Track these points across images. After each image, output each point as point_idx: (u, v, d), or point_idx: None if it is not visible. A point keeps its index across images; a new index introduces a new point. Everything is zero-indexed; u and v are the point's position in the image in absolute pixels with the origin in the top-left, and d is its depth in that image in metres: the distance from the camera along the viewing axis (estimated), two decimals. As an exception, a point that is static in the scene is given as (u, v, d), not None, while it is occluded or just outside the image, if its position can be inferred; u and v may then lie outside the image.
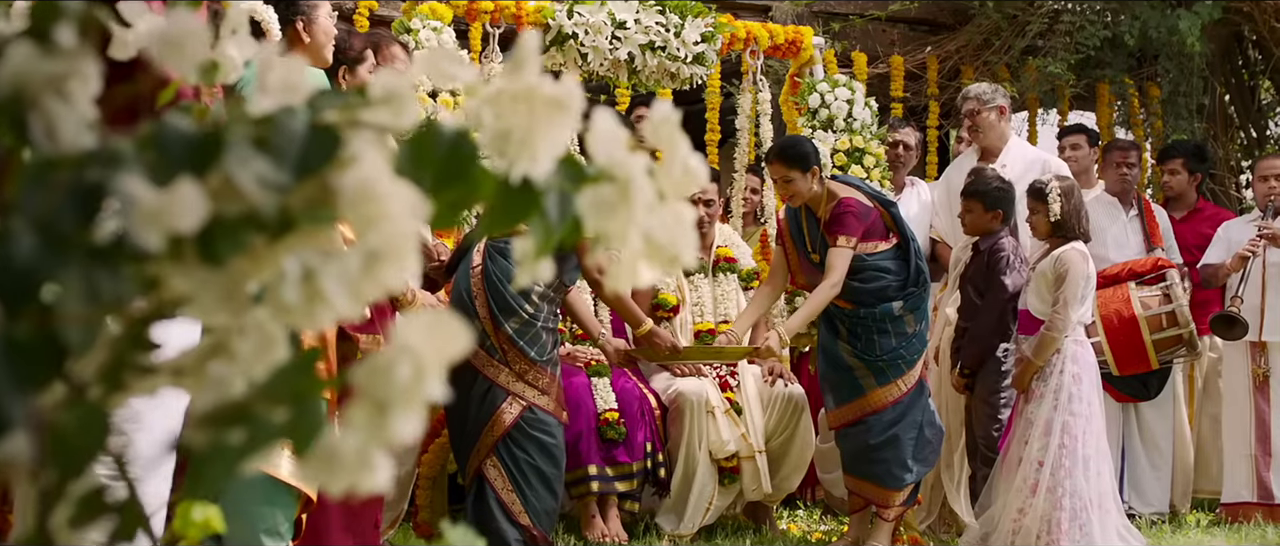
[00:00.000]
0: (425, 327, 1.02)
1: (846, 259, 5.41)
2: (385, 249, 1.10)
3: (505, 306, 4.99)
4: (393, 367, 1.00)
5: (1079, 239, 5.63)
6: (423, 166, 1.22)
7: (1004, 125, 6.89)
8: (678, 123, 1.42)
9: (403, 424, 1.00)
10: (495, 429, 5.00)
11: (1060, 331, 5.47)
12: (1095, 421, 5.52)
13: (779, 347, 5.51)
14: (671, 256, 1.39)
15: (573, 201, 1.30)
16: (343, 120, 1.17)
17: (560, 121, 1.23)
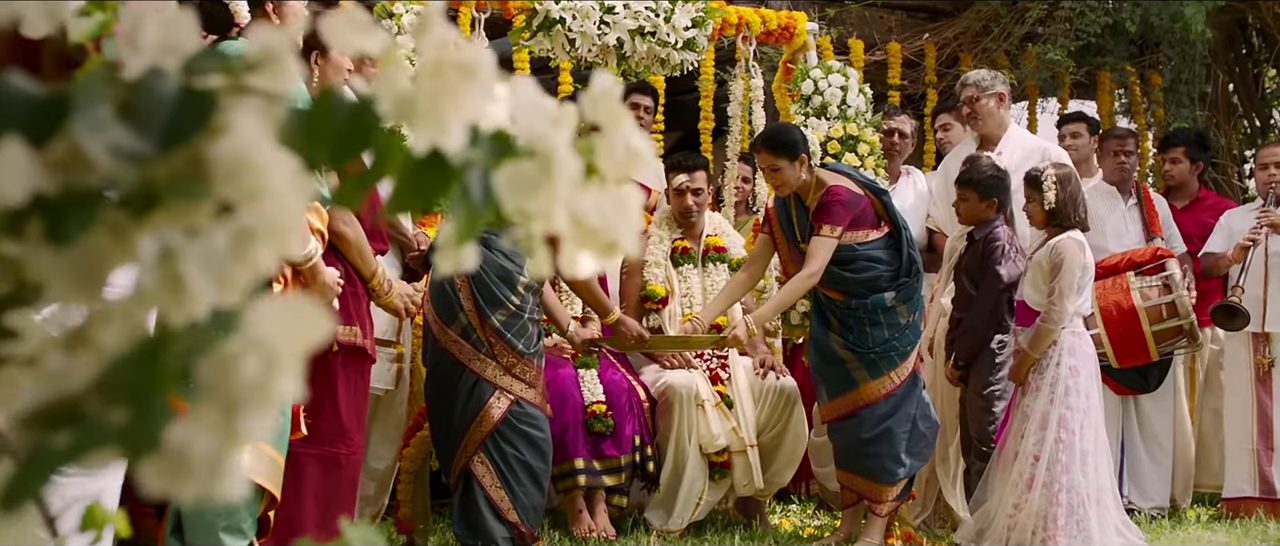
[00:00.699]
0: (279, 315, 0.89)
1: (828, 249, 5.28)
2: (260, 228, 0.97)
3: (491, 298, 4.87)
4: (239, 361, 0.87)
5: (1076, 228, 5.50)
6: (319, 137, 1.10)
7: (1003, 112, 6.76)
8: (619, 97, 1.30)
9: (253, 425, 0.87)
10: (483, 424, 4.87)
11: (1056, 323, 5.34)
12: (1093, 415, 5.40)
13: (746, 337, 5.37)
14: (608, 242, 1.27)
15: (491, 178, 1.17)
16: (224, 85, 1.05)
17: (469, 89, 1.11)
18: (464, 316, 4.87)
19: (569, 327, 5.48)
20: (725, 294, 5.60)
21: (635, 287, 6.12)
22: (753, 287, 5.70)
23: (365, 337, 4.09)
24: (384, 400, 5.11)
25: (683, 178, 6.10)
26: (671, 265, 6.13)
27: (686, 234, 6.20)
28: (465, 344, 4.88)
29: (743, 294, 5.63)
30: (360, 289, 4.10)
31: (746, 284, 5.61)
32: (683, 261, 6.13)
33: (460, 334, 4.88)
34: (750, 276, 5.61)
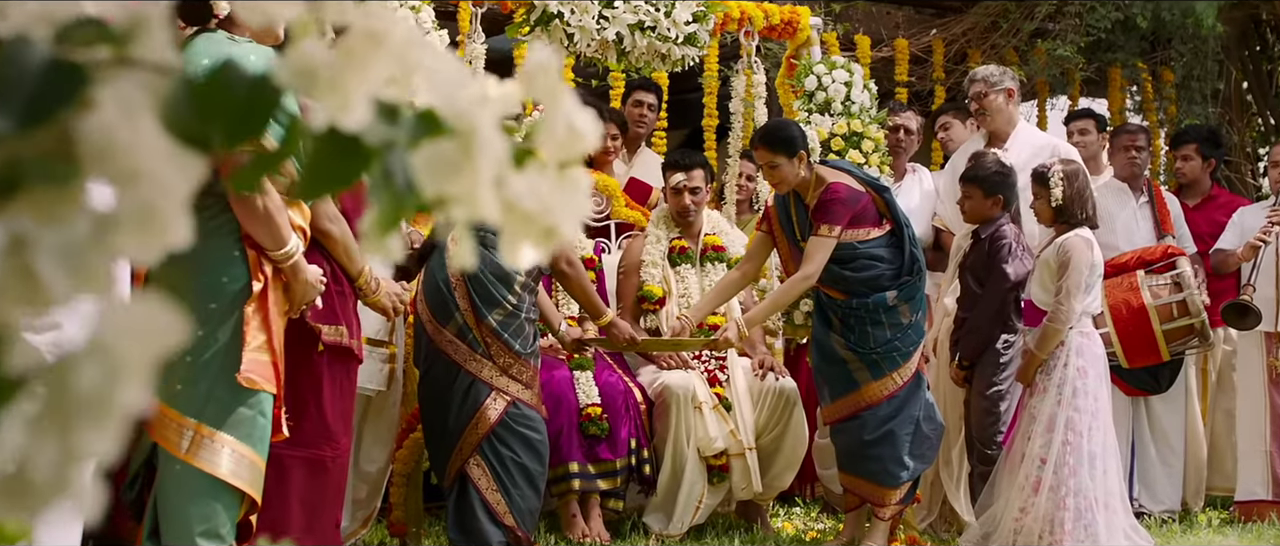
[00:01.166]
0: (128, 320, 0.78)
1: (826, 249, 5.17)
2: (128, 215, 0.87)
3: (488, 297, 4.77)
4: (77, 370, 0.77)
5: (1084, 225, 5.38)
6: (213, 114, 1.00)
7: (1012, 109, 6.64)
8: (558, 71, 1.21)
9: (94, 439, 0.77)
10: (479, 426, 4.78)
11: (1063, 322, 5.22)
12: (1102, 416, 5.28)
13: (737, 339, 5.27)
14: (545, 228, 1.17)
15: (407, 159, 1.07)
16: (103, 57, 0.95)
17: (377, 59, 1.00)
18: (460, 316, 4.77)
19: (561, 327, 5.37)
20: (716, 292, 5.50)
21: (632, 288, 6.02)
22: (745, 286, 5.59)
23: (351, 337, 3.99)
24: (376, 401, 5.01)
25: (680, 176, 5.99)
26: (669, 265, 6.02)
27: (684, 233, 6.09)
28: (461, 344, 4.78)
29: (734, 293, 5.53)
30: (347, 287, 4.01)
31: (738, 282, 5.51)
32: (680, 261, 6.02)
33: (456, 334, 4.79)
34: (743, 274, 5.50)
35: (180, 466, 3.37)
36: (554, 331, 5.38)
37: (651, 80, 7.10)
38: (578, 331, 5.43)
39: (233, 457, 3.41)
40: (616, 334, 5.22)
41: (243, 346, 3.41)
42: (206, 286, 3.42)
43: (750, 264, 5.52)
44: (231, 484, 3.42)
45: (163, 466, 3.43)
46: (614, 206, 6.48)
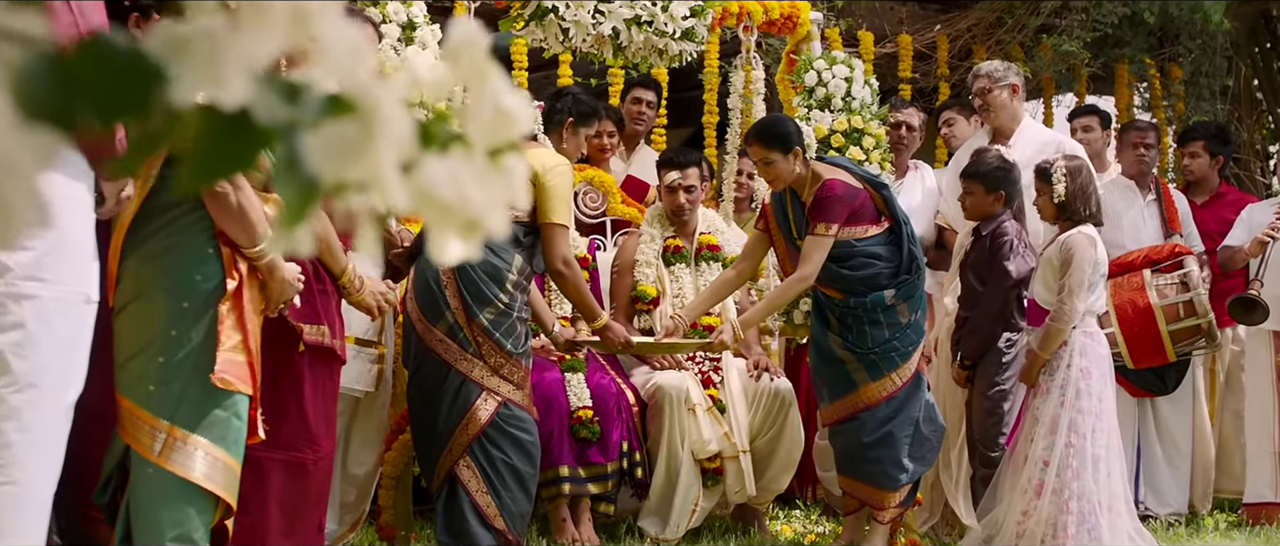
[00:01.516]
0: None
1: (823, 248, 5.07)
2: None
3: (480, 296, 4.67)
4: None
5: (1087, 222, 5.27)
6: (82, 91, 0.90)
7: (1016, 105, 6.53)
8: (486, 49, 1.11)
9: None
10: (470, 427, 4.67)
11: (1066, 322, 5.12)
12: (1106, 418, 5.17)
13: (733, 340, 5.17)
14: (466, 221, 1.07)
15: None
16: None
17: (261, 32, 0.91)
18: (450, 315, 4.68)
19: (553, 328, 5.26)
20: (710, 292, 5.40)
21: (625, 288, 5.92)
22: (741, 285, 5.50)
23: (334, 337, 3.90)
24: (364, 402, 4.91)
25: (674, 174, 5.89)
26: (663, 264, 5.92)
27: (679, 232, 5.99)
28: (452, 343, 4.68)
29: (729, 292, 5.44)
30: (329, 286, 3.91)
31: (734, 282, 5.41)
32: (675, 260, 5.92)
33: (446, 333, 4.69)
34: (739, 274, 5.41)
35: (152, 469, 3.28)
36: (547, 331, 5.28)
37: (651, 78, 7.01)
38: (571, 332, 5.32)
39: (206, 461, 3.32)
40: (611, 337, 5.12)
41: (217, 346, 3.31)
42: (179, 285, 3.33)
43: (746, 263, 5.42)
44: (205, 488, 3.32)
45: (135, 470, 3.33)
46: (610, 203, 6.39)
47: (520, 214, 4.74)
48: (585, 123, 5.02)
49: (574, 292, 4.92)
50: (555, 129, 4.97)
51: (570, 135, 4.99)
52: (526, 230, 4.77)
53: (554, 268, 4.80)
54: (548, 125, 4.97)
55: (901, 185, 6.76)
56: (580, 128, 5.01)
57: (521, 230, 4.76)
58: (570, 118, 4.98)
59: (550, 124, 4.97)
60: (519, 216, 4.75)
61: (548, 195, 4.72)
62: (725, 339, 5.14)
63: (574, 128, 4.99)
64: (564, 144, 4.97)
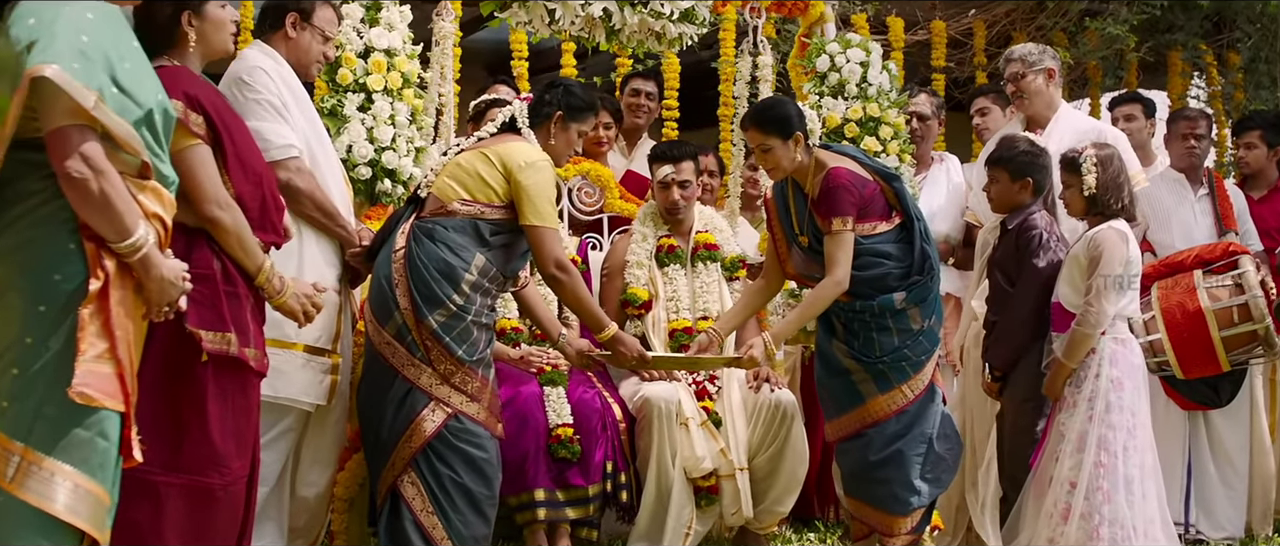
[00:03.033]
0: None
1: (846, 246, 4.58)
2: None
3: (430, 296, 4.22)
4: None
5: (1119, 216, 4.74)
6: None
7: (1053, 91, 6.00)
8: None
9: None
10: (413, 439, 4.22)
11: (1094, 326, 4.58)
12: (1140, 435, 4.63)
13: (764, 357, 4.67)
14: None
15: None
16: None
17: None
18: (399, 315, 4.23)
19: (560, 337, 4.80)
20: (741, 304, 4.96)
21: (616, 291, 5.46)
22: (774, 294, 5.03)
23: (244, 346, 3.45)
24: (316, 417, 4.46)
25: (667, 169, 5.42)
26: (656, 265, 5.45)
27: (673, 231, 5.52)
28: (399, 347, 4.24)
29: (764, 302, 5.02)
30: (241, 288, 3.48)
31: (766, 292, 4.98)
32: (669, 261, 5.45)
33: (395, 335, 4.25)
34: (768, 283, 4.95)
35: (3, 497, 2.85)
36: (553, 342, 4.83)
37: (653, 69, 6.57)
38: (584, 344, 4.85)
39: (70, 490, 2.88)
40: (623, 351, 4.64)
41: (77, 356, 2.87)
42: (36, 286, 2.89)
43: (772, 272, 4.96)
44: (71, 523, 2.89)
45: (-14, 497, 2.90)
46: (608, 199, 5.93)
47: (484, 209, 4.29)
48: (577, 118, 4.55)
49: (574, 300, 4.48)
50: (542, 123, 4.50)
51: (559, 130, 4.52)
52: (496, 228, 4.32)
53: (548, 273, 4.36)
54: (535, 119, 4.50)
55: (924, 178, 6.25)
56: (572, 123, 4.54)
57: (489, 228, 4.31)
58: (559, 111, 4.51)
59: (537, 117, 4.50)
60: (484, 211, 4.30)
61: (524, 195, 4.29)
62: (756, 354, 4.66)
63: (564, 123, 4.52)
64: (552, 140, 4.50)
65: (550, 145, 4.49)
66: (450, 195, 4.33)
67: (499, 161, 4.33)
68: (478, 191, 4.32)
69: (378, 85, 4.85)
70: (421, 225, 4.32)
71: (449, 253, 4.25)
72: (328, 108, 4.78)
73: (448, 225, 4.30)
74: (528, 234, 4.33)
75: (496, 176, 4.32)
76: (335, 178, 4.51)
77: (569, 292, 4.42)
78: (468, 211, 4.31)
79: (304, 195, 4.31)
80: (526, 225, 4.31)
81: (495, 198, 4.32)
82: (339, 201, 4.47)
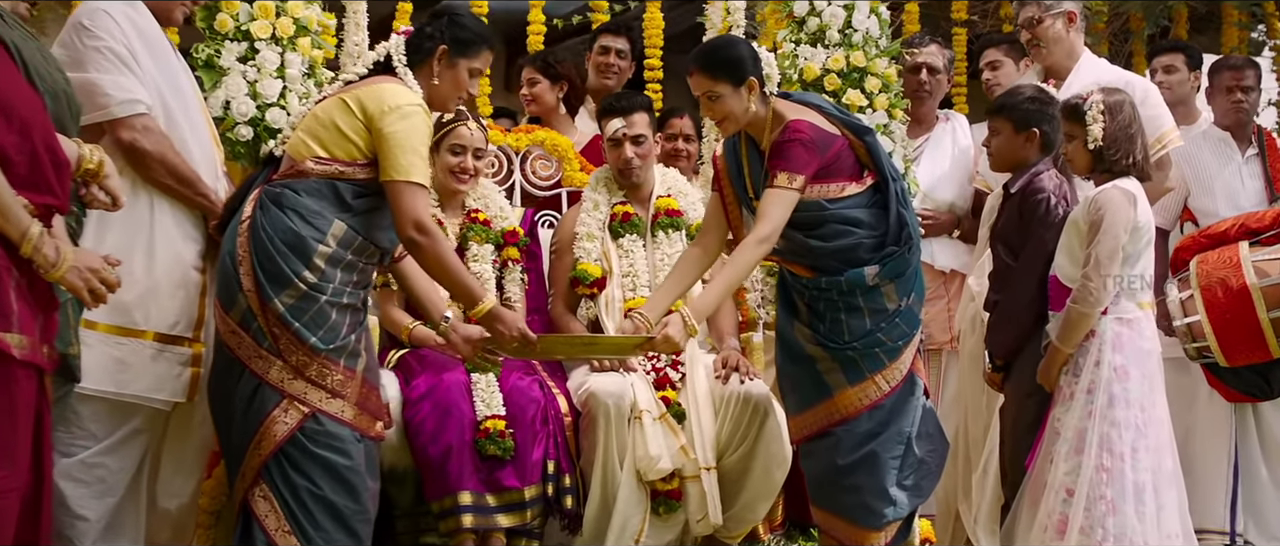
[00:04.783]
0: None
1: (784, 204, 3.86)
2: None
3: (277, 274, 3.56)
4: None
5: (1129, 174, 4.00)
6: None
7: (1073, 37, 5.26)
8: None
9: None
10: (263, 444, 3.56)
11: (1092, 304, 3.87)
12: (1153, 433, 3.90)
13: (683, 336, 3.92)
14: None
15: None
16: None
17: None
18: (243, 299, 3.58)
19: (443, 321, 4.09)
20: (675, 276, 4.15)
21: (565, 268, 4.79)
22: (711, 263, 4.20)
23: (10, 330, 2.83)
24: (177, 417, 3.84)
25: (617, 123, 4.74)
26: (610, 236, 4.77)
27: (630, 196, 4.83)
28: (245, 336, 3.58)
29: (697, 273, 4.17)
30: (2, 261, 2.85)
31: (702, 260, 4.16)
32: (624, 231, 4.77)
33: (240, 322, 3.59)
34: (705, 250, 4.17)
35: None
36: (434, 325, 4.13)
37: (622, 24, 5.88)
38: (474, 330, 4.06)
39: None
40: (502, 330, 3.90)
41: None
42: None
43: (711, 235, 4.19)
44: None
45: None
46: (565, 171, 5.26)
47: (344, 167, 3.63)
48: (466, 52, 3.81)
49: (438, 267, 3.74)
50: (423, 61, 3.78)
51: (444, 68, 3.78)
52: (360, 190, 3.65)
53: (406, 235, 3.65)
54: (414, 56, 3.77)
55: (927, 140, 5.54)
56: (459, 59, 3.80)
57: (351, 189, 3.64)
58: (444, 46, 3.79)
59: (417, 54, 3.78)
60: (343, 171, 3.63)
61: (387, 144, 3.59)
62: (672, 334, 3.90)
63: (450, 59, 3.79)
64: (436, 80, 3.78)
65: (434, 86, 3.78)
66: (303, 152, 3.65)
67: (359, 108, 3.62)
68: (335, 146, 3.63)
69: (263, 32, 4.22)
70: (269, 190, 3.65)
71: (299, 221, 3.58)
72: (202, 58, 4.15)
73: (299, 188, 3.62)
74: (387, 191, 3.62)
75: (357, 126, 3.62)
76: (199, 138, 3.91)
77: (431, 258, 3.69)
78: (324, 171, 3.63)
79: (153, 158, 3.73)
80: (385, 181, 3.61)
81: (357, 153, 3.63)
82: (202, 165, 3.87)
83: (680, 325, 3.86)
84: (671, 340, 3.85)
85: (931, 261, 5.32)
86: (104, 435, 3.71)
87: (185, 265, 3.82)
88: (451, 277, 3.78)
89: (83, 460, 3.70)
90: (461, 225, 4.70)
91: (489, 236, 4.69)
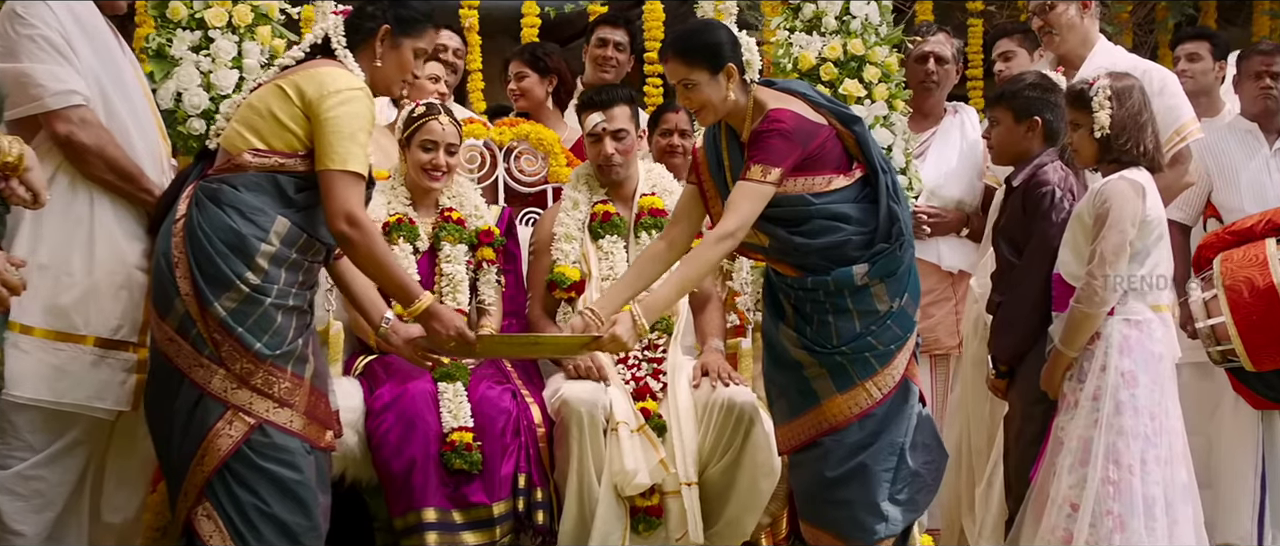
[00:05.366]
0: None
1: (755, 199, 3.60)
2: None
3: (216, 275, 3.32)
4: None
5: (1137, 165, 3.72)
6: None
7: (1088, 24, 4.97)
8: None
9: None
10: (206, 459, 3.33)
11: (1097, 304, 3.60)
12: (1164, 443, 3.63)
13: (631, 336, 3.67)
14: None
15: None
16: None
17: None
18: (180, 303, 3.35)
19: (383, 323, 3.84)
20: (635, 271, 3.91)
21: (542, 270, 4.55)
22: (674, 260, 3.92)
23: None
24: (121, 427, 3.63)
25: (596, 117, 4.50)
26: (590, 237, 4.53)
27: (613, 194, 4.59)
28: (184, 343, 3.35)
29: (661, 269, 3.90)
30: None
31: (665, 255, 3.87)
32: (604, 231, 4.52)
33: (178, 329, 3.36)
34: (671, 244, 3.90)
35: None
36: (373, 326, 3.88)
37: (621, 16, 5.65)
38: (413, 330, 3.81)
39: None
40: (438, 329, 3.63)
41: None
42: None
43: (679, 228, 3.92)
44: None
45: None
46: (552, 167, 5.02)
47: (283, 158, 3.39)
48: (410, 32, 3.56)
49: (371, 263, 3.49)
50: (365, 41, 3.53)
51: (388, 50, 3.53)
52: (302, 183, 3.42)
53: (337, 228, 3.40)
54: (354, 37, 3.53)
55: (934, 134, 5.27)
56: (403, 39, 3.56)
57: (293, 183, 3.41)
58: (386, 25, 3.54)
59: (357, 35, 3.54)
60: (283, 162, 3.40)
61: (325, 130, 3.35)
62: (619, 333, 3.65)
63: (393, 39, 3.54)
64: (379, 62, 3.53)
65: (377, 69, 3.54)
66: (240, 145, 3.41)
67: (297, 94, 3.38)
68: (274, 137, 3.39)
69: (219, 20, 4.00)
70: (205, 186, 3.42)
71: (239, 218, 3.34)
72: (153, 48, 3.94)
73: (237, 183, 3.38)
74: (320, 180, 3.38)
75: (295, 114, 3.38)
76: (143, 131, 3.71)
77: (363, 253, 3.44)
78: (262, 164, 3.39)
79: (91, 152, 3.54)
80: (320, 169, 3.36)
81: (297, 143, 3.39)
82: (145, 160, 3.66)
83: (629, 324, 3.60)
84: (619, 340, 3.59)
85: (938, 261, 5.07)
86: (42, 446, 3.52)
87: (128, 265, 3.62)
88: (385, 274, 3.54)
89: (19, 472, 3.52)
90: (434, 224, 4.47)
91: (462, 236, 4.46)
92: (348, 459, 4.04)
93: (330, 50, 3.50)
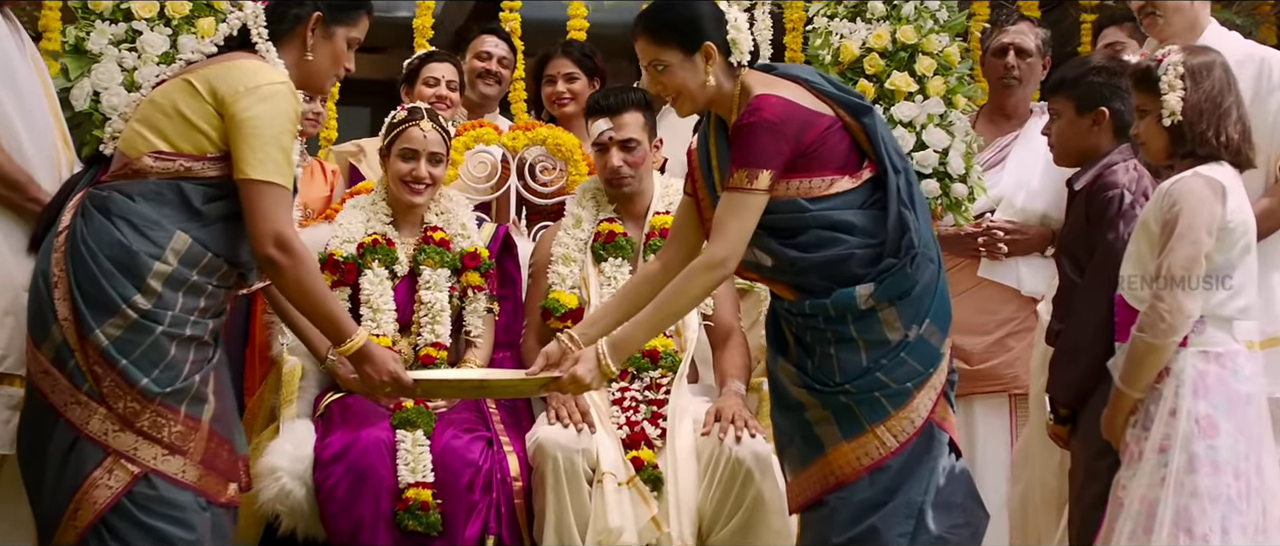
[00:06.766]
0: None
1: (742, 213, 2.99)
2: None
3: (99, 299, 2.82)
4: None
5: (1216, 159, 2.98)
6: None
7: (1197, 7, 4.20)
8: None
9: None
10: (80, 513, 2.83)
11: (1164, 333, 2.86)
12: (1255, 508, 2.86)
13: (594, 377, 3.06)
14: None
15: None
16: None
17: None
18: (57, 330, 2.86)
19: (329, 355, 3.32)
20: (620, 296, 3.32)
21: (539, 295, 3.99)
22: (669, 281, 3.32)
23: None
24: (9, 469, 3.17)
25: (602, 124, 3.93)
26: (592, 259, 3.94)
27: (622, 211, 4.01)
28: (59, 376, 2.85)
29: (649, 294, 3.28)
30: None
31: (658, 279, 3.26)
32: (608, 253, 3.93)
33: (53, 360, 2.87)
34: (666, 266, 3.29)
35: None
36: (320, 359, 3.36)
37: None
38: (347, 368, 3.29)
39: None
40: (370, 373, 3.08)
41: None
42: None
43: (674, 248, 3.32)
44: None
45: None
46: (572, 176, 4.47)
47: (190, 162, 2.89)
48: (343, 19, 3.05)
49: (298, 292, 2.98)
50: (291, 32, 3.02)
51: (320, 40, 3.03)
52: (212, 192, 2.90)
53: (262, 251, 2.89)
54: (279, 26, 3.01)
55: (1017, 138, 4.54)
56: (336, 27, 3.05)
57: (201, 192, 2.90)
58: (317, 12, 3.03)
59: (283, 23, 3.02)
60: (189, 167, 2.89)
61: (242, 132, 2.85)
62: (580, 373, 3.06)
63: (326, 27, 3.03)
64: (309, 54, 3.02)
65: (307, 62, 3.03)
66: (139, 147, 2.91)
67: (208, 91, 2.88)
68: (180, 137, 2.89)
69: (148, 12, 3.53)
70: (94, 194, 2.93)
71: (130, 232, 2.84)
72: (70, 42, 3.49)
73: (132, 192, 2.88)
74: (241, 191, 2.87)
75: (206, 112, 2.87)
76: (37, 133, 3.27)
77: (291, 282, 2.92)
78: (165, 168, 2.89)
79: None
80: (239, 179, 2.86)
81: (207, 144, 2.88)
82: (38, 167, 3.20)
83: (593, 363, 3.03)
84: (580, 380, 3.00)
85: (1018, 285, 4.35)
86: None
87: (15, 286, 3.14)
88: (315, 306, 3.02)
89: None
90: (416, 245, 3.94)
91: (444, 259, 3.92)
92: (297, 514, 3.57)
93: (249, 43, 2.99)
